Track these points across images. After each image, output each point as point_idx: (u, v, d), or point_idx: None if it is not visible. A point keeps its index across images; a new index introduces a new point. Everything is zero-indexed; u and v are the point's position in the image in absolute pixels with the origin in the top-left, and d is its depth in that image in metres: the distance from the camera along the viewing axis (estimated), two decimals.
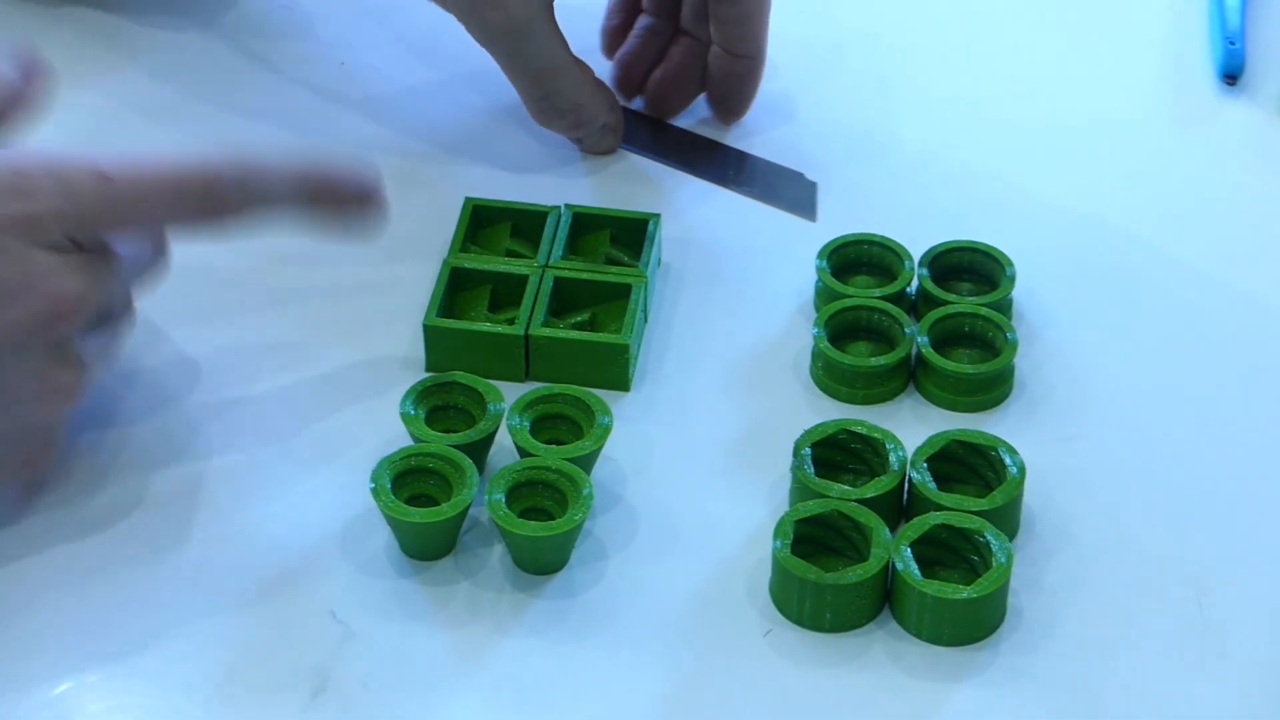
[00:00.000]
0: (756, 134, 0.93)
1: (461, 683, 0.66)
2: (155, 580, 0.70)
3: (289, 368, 0.78)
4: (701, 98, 0.94)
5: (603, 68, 0.93)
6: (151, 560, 0.70)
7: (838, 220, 0.82)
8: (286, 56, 1.00)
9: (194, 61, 0.99)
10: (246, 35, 1.01)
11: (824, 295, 0.78)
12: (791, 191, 0.88)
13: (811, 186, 0.87)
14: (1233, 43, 0.89)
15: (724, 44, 0.90)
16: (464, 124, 0.92)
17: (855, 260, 0.80)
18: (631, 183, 0.87)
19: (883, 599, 0.67)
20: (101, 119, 0.94)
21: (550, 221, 0.80)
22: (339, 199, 0.73)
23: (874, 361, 0.75)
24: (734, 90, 0.93)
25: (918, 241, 0.80)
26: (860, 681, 0.65)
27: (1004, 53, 0.95)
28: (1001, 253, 0.79)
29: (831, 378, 0.76)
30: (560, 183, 0.87)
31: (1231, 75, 0.89)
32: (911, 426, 0.72)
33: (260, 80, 0.98)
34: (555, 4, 0.88)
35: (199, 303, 0.82)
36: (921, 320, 0.76)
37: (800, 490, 0.69)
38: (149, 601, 0.68)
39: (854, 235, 0.80)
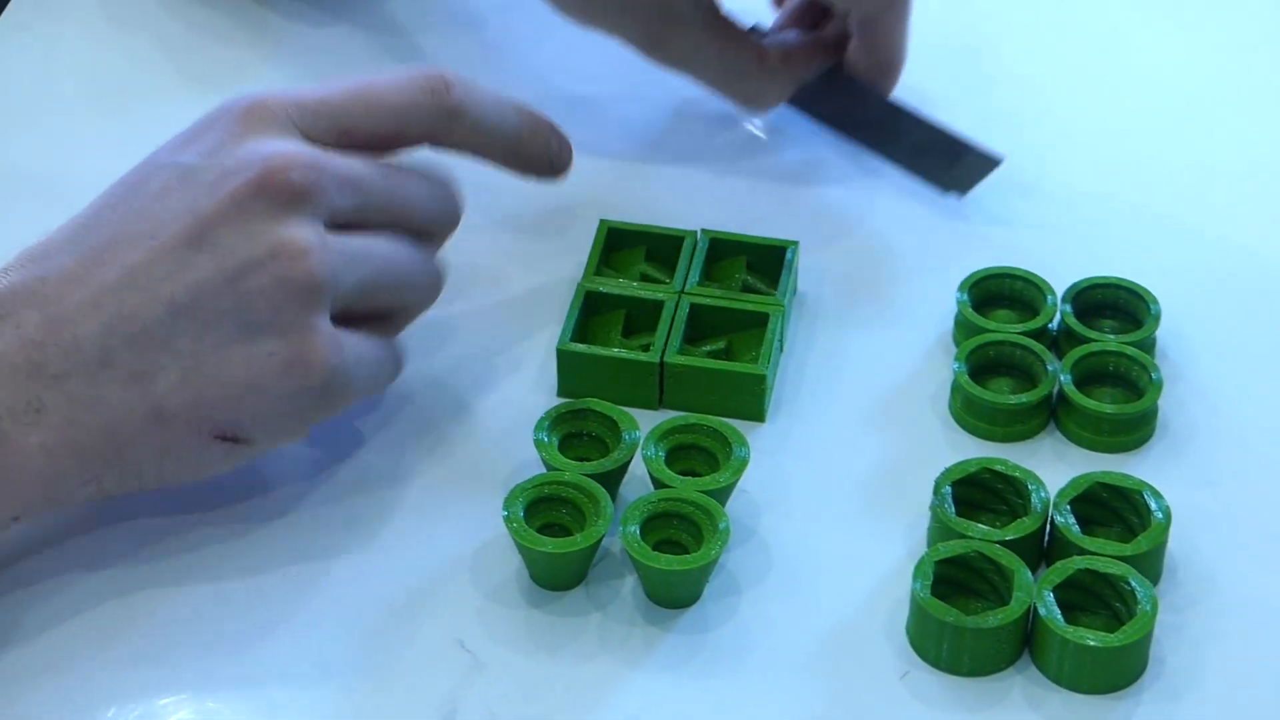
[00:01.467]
0: None
1: (589, 716, 0.66)
2: (287, 606, 0.70)
3: (420, 391, 0.79)
4: None
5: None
6: (283, 587, 0.70)
7: (980, 252, 0.82)
8: (440, 54, 0.99)
9: (343, 56, 1.00)
10: (401, 32, 1.02)
11: (964, 329, 0.78)
12: (961, 165, 0.89)
13: (989, 164, 0.88)
14: None
15: (864, 44, 0.91)
16: (600, 143, 0.91)
17: (997, 294, 0.80)
18: (770, 208, 0.87)
19: (1023, 644, 0.66)
20: None
21: (686, 246, 0.80)
22: (545, 136, 0.77)
23: (1015, 399, 0.75)
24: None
25: (1061, 276, 0.79)
26: (997, 717, 0.65)
27: (1154, 86, 0.94)
28: (1147, 290, 0.78)
29: (971, 414, 0.76)
30: (697, 207, 0.87)
31: None
32: (1053, 466, 0.72)
33: None
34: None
35: None
36: (1064, 358, 0.76)
37: (940, 530, 0.69)
38: (281, 625, 0.69)
39: (996, 268, 0.80)
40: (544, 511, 0.70)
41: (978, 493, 0.71)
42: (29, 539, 0.70)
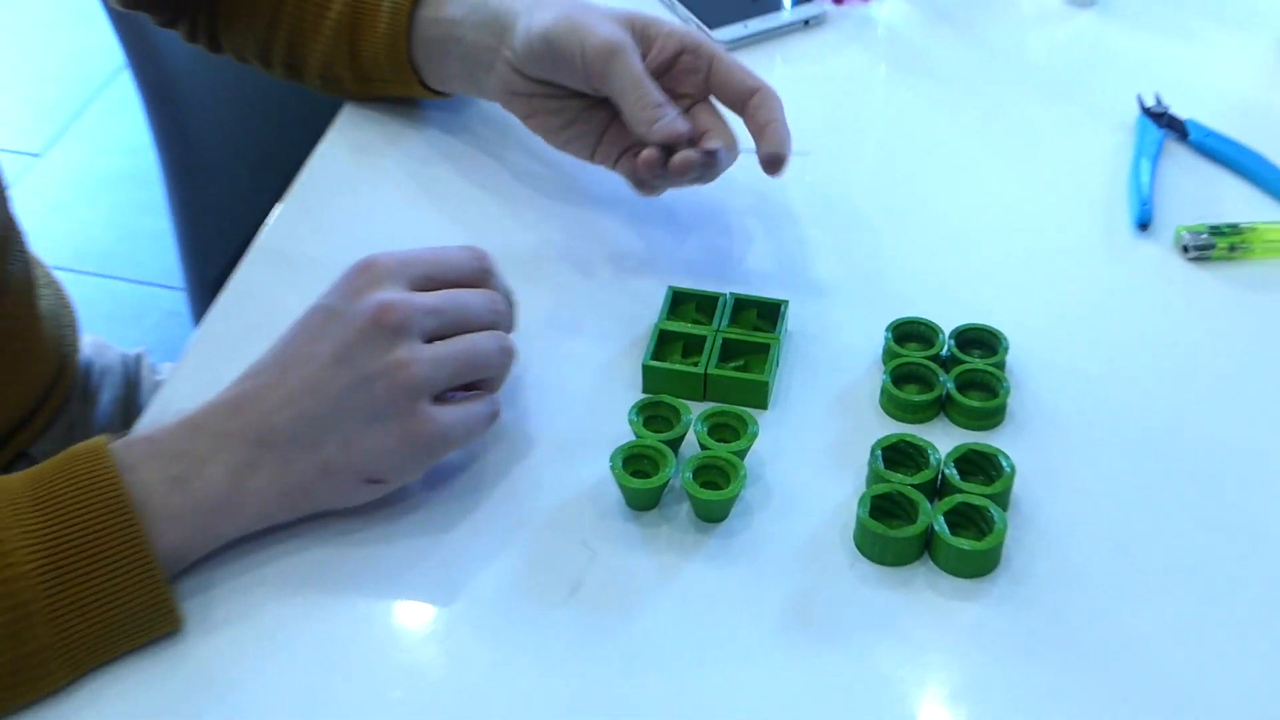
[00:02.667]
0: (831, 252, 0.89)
1: (662, 588, 0.67)
2: (469, 521, 0.71)
3: (557, 389, 0.78)
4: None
5: None
6: (463, 510, 0.72)
7: (900, 307, 0.81)
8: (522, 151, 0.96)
9: (453, 150, 0.97)
10: (488, 126, 0.99)
11: (889, 354, 0.78)
12: None
13: None
14: (1145, 203, 0.87)
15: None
16: (665, 230, 0.90)
17: (909, 333, 0.79)
18: (769, 280, 0.85)
19: (924, 547, 0.68)
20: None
21: (720, 303, 0.80)
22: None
23: (920, 397, 0.75)
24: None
25: (948, 323, 0.79)
26: (908, 598, 0.67)
27: (987, 200, 0.93)
28: (1000, 331, 0.79)
29: (894, 406, 0.76)
30: (726, 274, 0.86)
31: (1144, 224, 0.87)
32: (943, 440, 0.73)
33: (501, 168, 0.96)
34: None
35: None
36: (949, 372, 0.76)
37: (874, 477, 0.71)
38: (465, 540, 0.70)
39: (909, 317, 0.80)
40: (634, 463, 0.71)
41: (897, 455, 0.72)
42: (261, 540, 0.70)
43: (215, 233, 1.33)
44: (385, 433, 0.66)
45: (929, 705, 0.63)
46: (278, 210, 0.92)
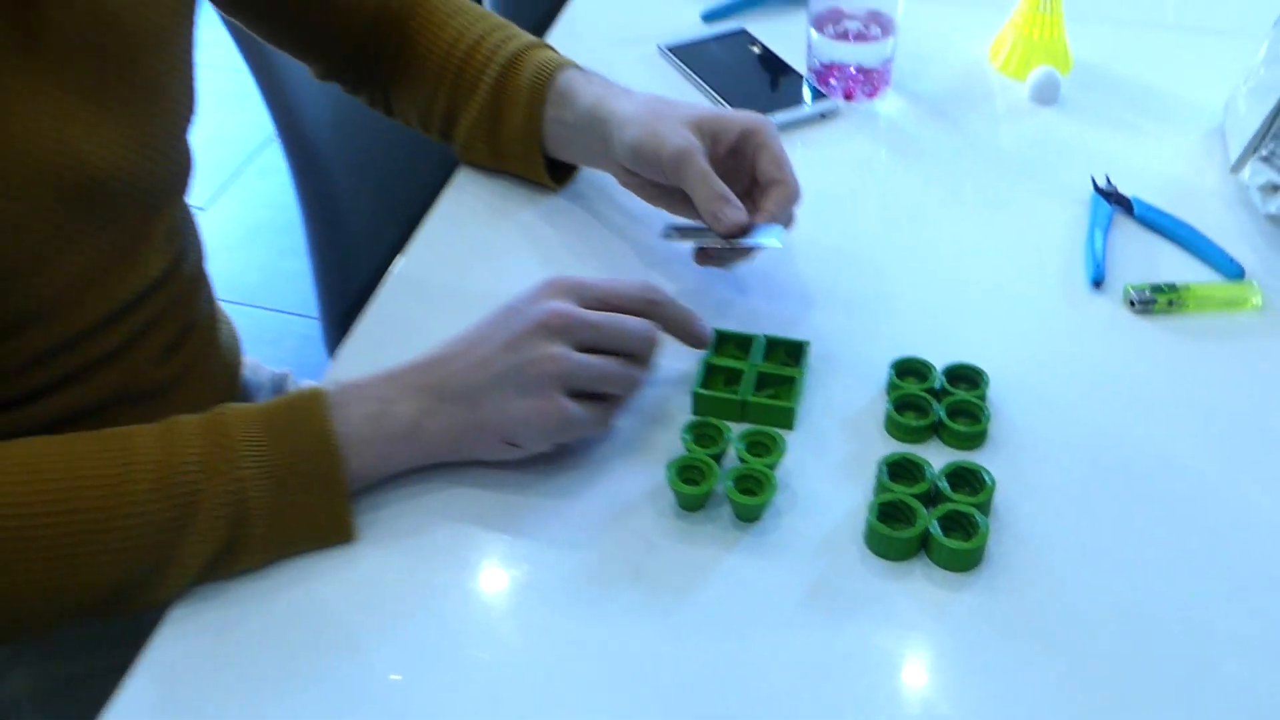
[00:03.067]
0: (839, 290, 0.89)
1: (707, 575, 0.67)
2: (556, 514, 0.71)
3: (623, 413, 0.75)
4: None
5: None
6: (552, 505, 0.72)
7: (899, 348, 0.80)
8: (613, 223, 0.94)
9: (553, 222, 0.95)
10: (587, 185, 0.97)
11: (891, 386, 0.77)
12: None
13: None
14: (1098, 265, 0.86)
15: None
16: (713, 283, 0.88)
17: (908, 369, 0.78)
18: (794, 324, 0.84)
19: (921, 545, 0.68)
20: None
21: (755, 343, 0.80)
22: (695, 322, 0.77)
23: (917, 422, 0.75)
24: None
25: (940, 360, 0.79)
26: (907, 587, 0.66)
27: (970, 261, 0.91)
28: (982, 369, 0.78)
29: (896, 430, 0.75)
30: (759, 321, 0.84)
31: (1098, 282, 0.86)
32: (936, 458, 0.72)
33: (593, 224, 0.94)
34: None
35: None
36: (940, 402, 0.75)
37: (880, 487, 0.70)
38: (550, 529, 0.70)
39: (907, 356, 0.79)
40: (685, 472, 0.70)
41: (899, 469, 0.71)
42: (420, 476, 0.72)
43: (345, 273, 1.34)
44: (526, 407, 0.68)
45: (922, 672, 0.63)
46: (400, 261, 0.91)
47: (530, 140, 0.91)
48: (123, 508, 0.64)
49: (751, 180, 0.83)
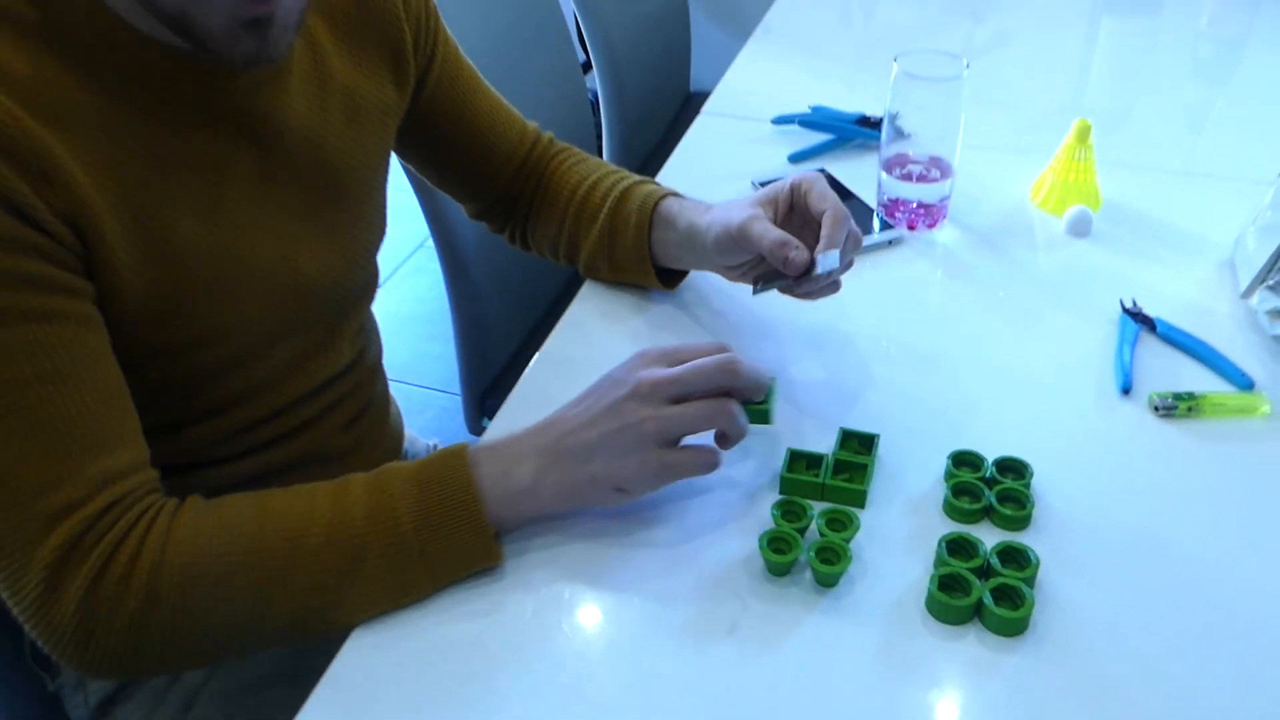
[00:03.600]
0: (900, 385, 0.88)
1: (792, 632, 0.67)
2: (662, 575, 0.71)
3: (723, 490, 0.77)
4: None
5: None
6: (652, 569, 0.71)
7: (955, 441, 0.80)
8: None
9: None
10: (690, 289, 0.96)
11: (949, 474, 0.77)
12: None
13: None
14: (1126, 375, 0.85)
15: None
16: (799, 382, 0.87)
17: (962, 459, 0.78)
18: (866, 419, 0.83)
19: (975, 613, 0.67)
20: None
21: (836, 436, 0.80)
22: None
23: (971, 506, 0.74)
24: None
25: (989, 452, 0.78)
26: (963, 649, 0.66)
27: (1014, 368, 0.89)
28: (1026, 461, 0.77)
29: (953, 511, 0.75)
30: (837, 416, 0.84)
31: (1126, 390, 0.85)
32: (988, 537, 0.71)
33: (693, 321, 0.91)
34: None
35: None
36: (992, 489, 0.75)
37: (939, 561, 0.70)
38: (656, 587, 0.70)
39: (962, 449, 0.79)
40: (774, 543, 0.70)
41: (956, 546, 0.71)
42: (550, 541, 0.72)
43: (484, 359, 1.36)
44: (631, 462, 0.68)
45: None
46: (538, 355, 0.91)
47: (641, 255, 0.92)
48: (302, 556, 0.65)
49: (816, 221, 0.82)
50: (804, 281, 0.81)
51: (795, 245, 0.80)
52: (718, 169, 1.15)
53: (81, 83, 0.62)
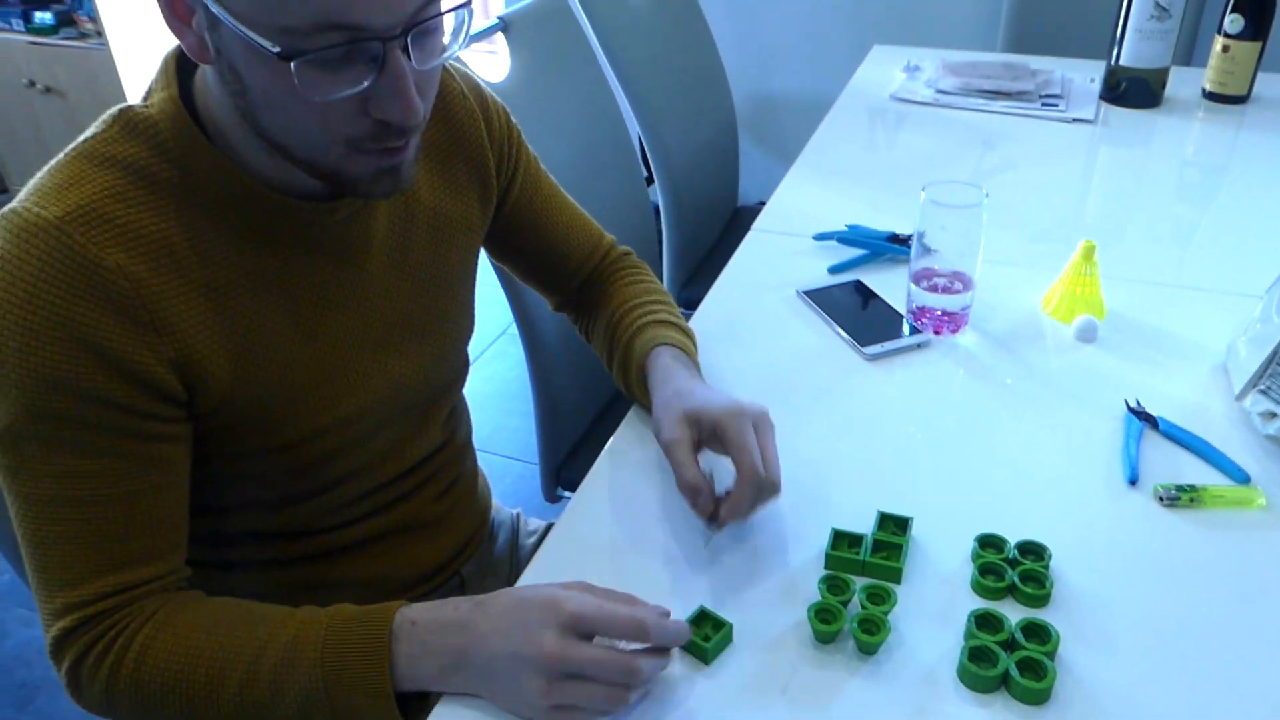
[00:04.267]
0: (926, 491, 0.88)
1: (838, 694, 0.66)
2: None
3: (775, 566, 0.76)
4: None
5: None
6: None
7: (980, 524, 0.79)
8: None
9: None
10: None
11: (975, 555, 0.76)
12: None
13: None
14: (1133, 467, 0.84)
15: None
16: (836, 468, 0.87)
17: (987, 541, 0.77)
18: (901, 503, 0.82)
19: (1002, 682, 0.66)
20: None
21: (875, 518, 0.79)
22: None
23: (996, 584, 0.73)
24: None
25: (1011, 535, 0.78)
26: (991, 714, 0.65)
27: (1031, 460, 0.88)
28: (1045, 545, 0.76)
29: (980, 589, 0.74)
30: (875, 500, 0.83)
31: (1133, 481, 0.83)
32: (1012, 613, 0.71)
33: None
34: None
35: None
36: (1014, 569, 0.74)
37: (969, 634, 0.69)
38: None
39: (987, 533, 0.78)
40: (821, 613, 0.70)
41: (983, 621, 0.70)
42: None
43: (559, 436, 1.37)
44: (526, 692, 0.61)
45: None
46: (611, 441, 0.91)
47: (642, 391, 0.88)
48: (227, 690, 0.63)
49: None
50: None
51: (704, 493, 0.72)
52: (767, 278, 1.16)
53: (203, 230, 0.64)
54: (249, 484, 0.74)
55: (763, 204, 1.36)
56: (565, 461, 1.43)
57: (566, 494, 1.44)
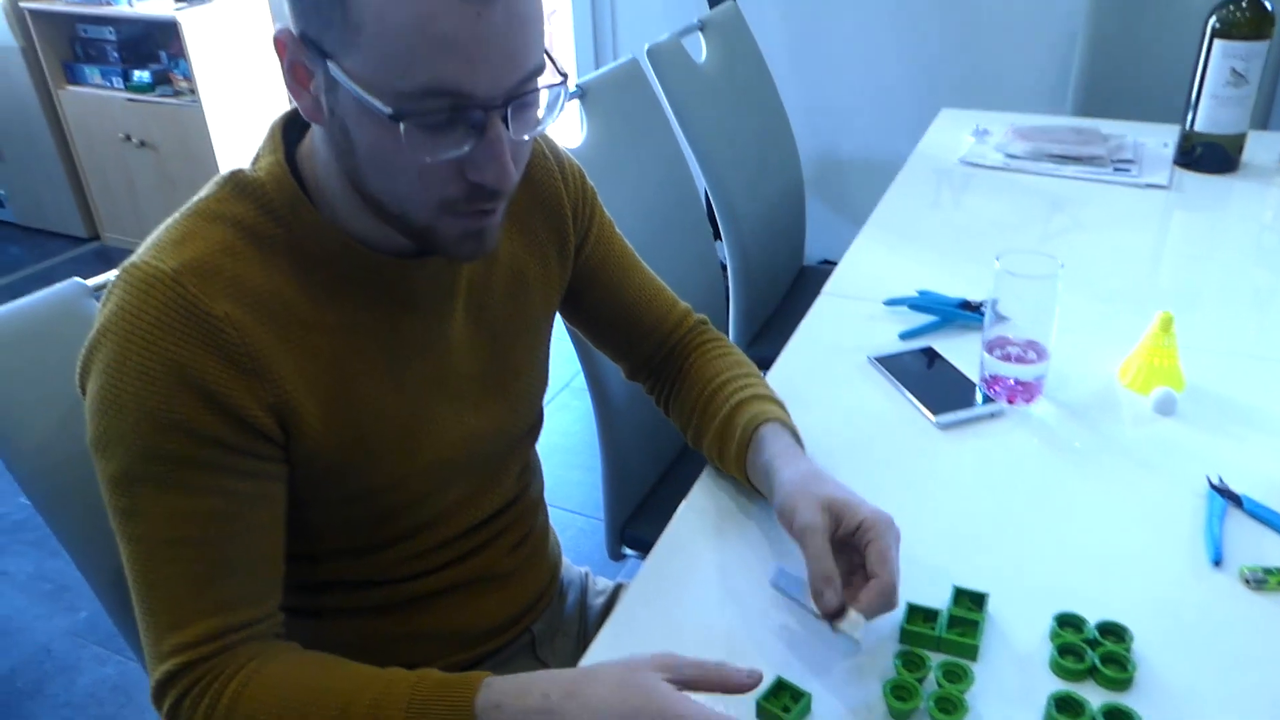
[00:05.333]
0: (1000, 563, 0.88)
1: None
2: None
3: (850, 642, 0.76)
4: None
5: None
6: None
7: (1059, 602, 0.78)
8: None
9: None
10: None
11: (1054, 634, 0.75)
12: None
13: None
14: (1217, 547, 0.83)
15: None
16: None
17: (1066, 621, 0.76)
18: (977, 578, 0.81)
19: None
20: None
21: (950, 593, 0.79)
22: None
23: (1076, 666, 0.72)
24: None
25: (1091, 615, 0.76)
26: None
27: (1112, 538, 0.86)
28: (1126, 626, 0.75)
29: (1059, 669, 0.73)
30: (948, 577, 0.82)
31: (1217, 562, 0.82)
32: (1093, 695, 0.70)
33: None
34: None
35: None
36: (1095, 650, 0.73)
37: (1048, 716, 0.69)
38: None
39: (1066, 611, 0.77)
40: (897, 690, 0.69)
41: (1063, 704, 0.69)
42: None
43: (625, 492, 1.38)
44: None
45: None
46: (680, 510, 0.91)
47: (740, 468, 0.88)
48: None
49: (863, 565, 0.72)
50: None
51: (836, 590, 0.70)
52: (839, 342, 1.16)
53: (303, 283, 0.68)
54: (333, 531, 0.77)
55: (828, 262, 1.37)
56: (630, 520, 1.44)
57: (629, 552, 1.44)
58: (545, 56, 0.63)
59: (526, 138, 0.64)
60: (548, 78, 0.65)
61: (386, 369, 0.72)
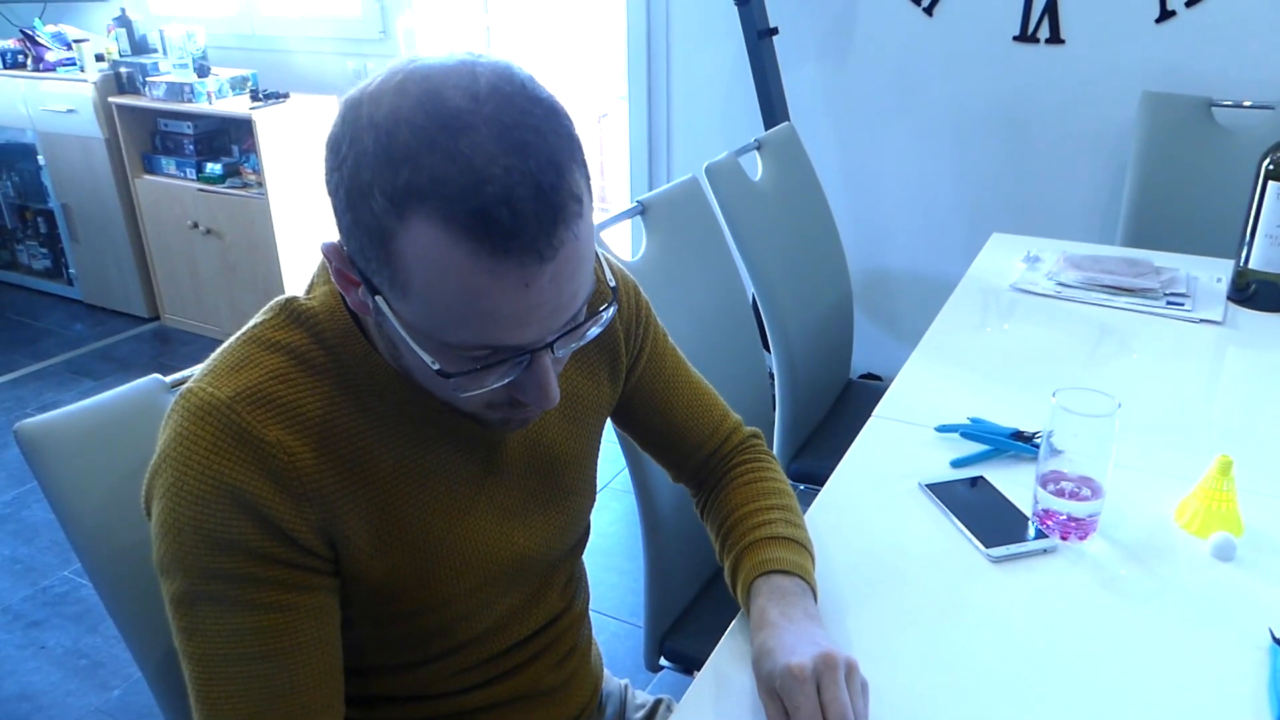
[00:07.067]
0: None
1: None
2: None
3: None
4: None
5: None
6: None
7: None
8: None
9: None
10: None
11: None
12: None
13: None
14: None
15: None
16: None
17: None
18: (1025, 718, 0.82)
19: None
20: None
21: None
22: None
23: None
24: None
25: None
26: None
27: (1168, 693, 0.83)
28: None
29: None
30: (1000, 713, 0.81)
31: None
32: None
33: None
34: None
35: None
36: None
37: None
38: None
39: None
40: None
41: None
42: None
43: (667, 603, 1.37)
44: None
45: None
46: (730, 629, 0.90)
47: (745, 604, 0.86)
48: None
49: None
50: None
51: None
52: (890, 469, 1.16)
53: (353, 412, 0.69)
54: (378, 647, 0.77)
55: (873, 376, 1.38)
56: (669, 631, 1.42)
57: (666, 664, 1.42)
58: (594, 277, 0.64)
59: (572, 350, 0.67)
60: (596, 301, 0.68)
61: (435, 496, 0.73)
